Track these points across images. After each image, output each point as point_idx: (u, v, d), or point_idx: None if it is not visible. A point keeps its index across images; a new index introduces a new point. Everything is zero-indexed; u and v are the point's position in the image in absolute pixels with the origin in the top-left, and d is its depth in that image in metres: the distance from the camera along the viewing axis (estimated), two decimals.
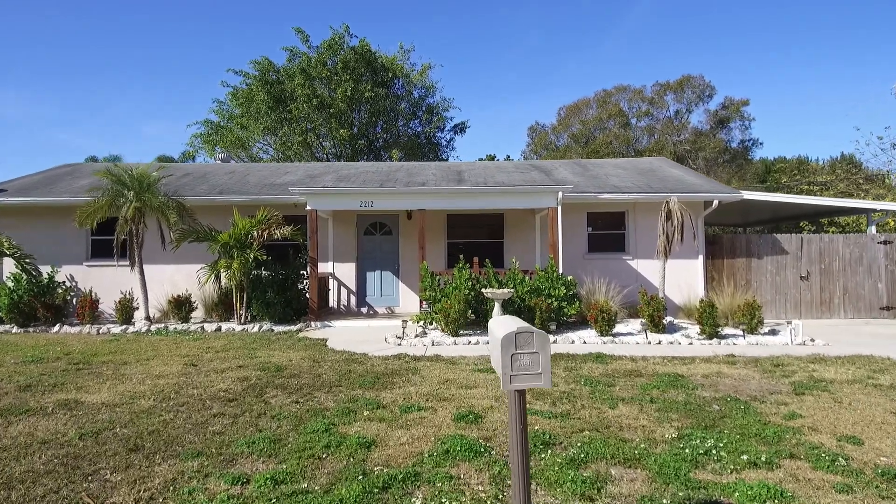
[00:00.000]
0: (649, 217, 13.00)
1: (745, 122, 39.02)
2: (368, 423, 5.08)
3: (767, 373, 7.10)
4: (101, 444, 4.70)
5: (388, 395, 6.04)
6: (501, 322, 2.53)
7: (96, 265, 13.18)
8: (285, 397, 5.98)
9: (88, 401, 5.93)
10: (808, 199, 14.02)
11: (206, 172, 16.04)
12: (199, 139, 27.79)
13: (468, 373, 7.06)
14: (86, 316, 11.39)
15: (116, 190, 11.20)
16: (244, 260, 10.90)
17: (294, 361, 7.79)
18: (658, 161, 17.12)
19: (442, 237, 13.54)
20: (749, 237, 13.37)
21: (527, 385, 2.28)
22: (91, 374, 7.13)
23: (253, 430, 4.97)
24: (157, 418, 5.31)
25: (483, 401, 5.76)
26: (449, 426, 4.99)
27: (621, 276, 12.54)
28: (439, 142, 29.58)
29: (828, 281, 13.19)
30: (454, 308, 9.70)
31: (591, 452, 4.31)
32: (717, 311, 9.72)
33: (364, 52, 25.33)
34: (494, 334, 2.45)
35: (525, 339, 2.28)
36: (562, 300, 10.33)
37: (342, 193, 11.92)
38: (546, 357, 2.28)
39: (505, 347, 2.26)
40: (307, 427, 4.95)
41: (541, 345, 2.28)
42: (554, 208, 11.28)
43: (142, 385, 6.55)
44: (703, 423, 5.05)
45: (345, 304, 13.41)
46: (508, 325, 2.37)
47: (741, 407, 5.56)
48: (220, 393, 6.15)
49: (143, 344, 9.38)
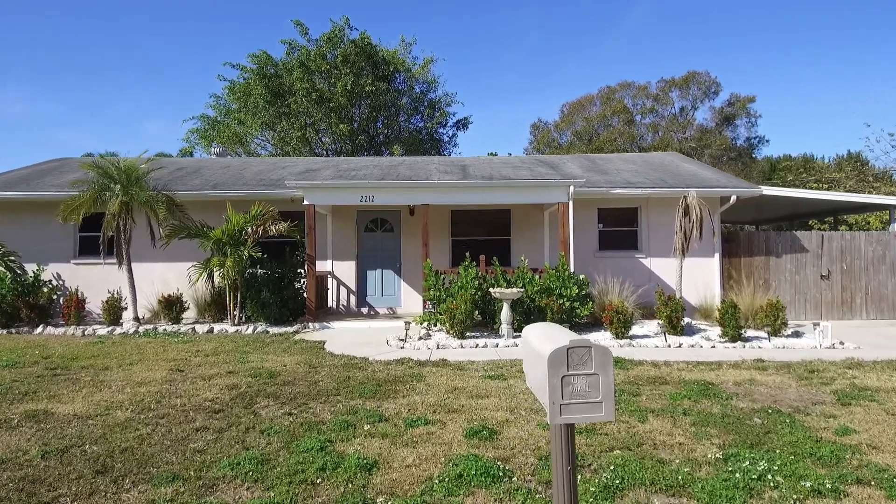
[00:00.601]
0: (663, 213, 12.41)
1: (752, 119, 38.43)
2: (369, 440, 4.50)
3: (804, 380, 6.52)
4: (66, 464, 4.12)
5: (392, 405, 5.46)
6: (542, 331, 1.96)
7: (84, 263, 12.59)
8: (277, 408, 5.40)
9: (59, 412, 5.35)
10: (831, 194, 13.43)
11: (200, 167, 15.45)
12: (196, 135, 27.17)
13: (478, 380, 6.48)
14: (71, 316, 10.81)
15: (103, 183, 10.62)
16: (238, 257, 10.32)
17: (289, 367, 7.20)
18: (670, 156, 16.53)
19: (446, 234, 12.95)
20: (767, 234, 12.78)
21: (583, 417, 1.71)
22: (67, 381, 6.55)
23: (239, 447, 4.39)
24: (133, 433, 4.74)
25: (497, 413, 5.18)
26: (460, 444, 4.41)
27: (634, 275, 11.95)
28: (441, 138, 28.97)
29: (849, 280, 12.60)
30: (460, 309, 9.12)
31: (626, 477, 3.73)
32: (739, 312, 9.14)
33: (365, 46, 24.70)
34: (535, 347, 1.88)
35: (581, 357, 1.71)
36: (574, 300, 9.74)
37: (341, 187, 11.33)
38: (608, 380, 1.71)
39: (553, 367, 1.69)
40: (300, 444, 4.37)
41: (601, 364, 1.72)
42: (565, 203, 10.69)
43: (121, 394, 5.97)
44: (747, 440, 4.47)
45: (344, 305, 12.83)
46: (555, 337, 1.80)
47: (785, 420, 4.98)
48: (206, 403, 5.57)
49: (129, 347, 8.80)
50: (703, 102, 38.21)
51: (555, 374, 1.68)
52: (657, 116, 38.69)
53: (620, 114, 38.27)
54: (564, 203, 10.70)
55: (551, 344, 1.72)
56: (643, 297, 11.22)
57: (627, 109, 38.56)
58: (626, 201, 12.64)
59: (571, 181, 10.71)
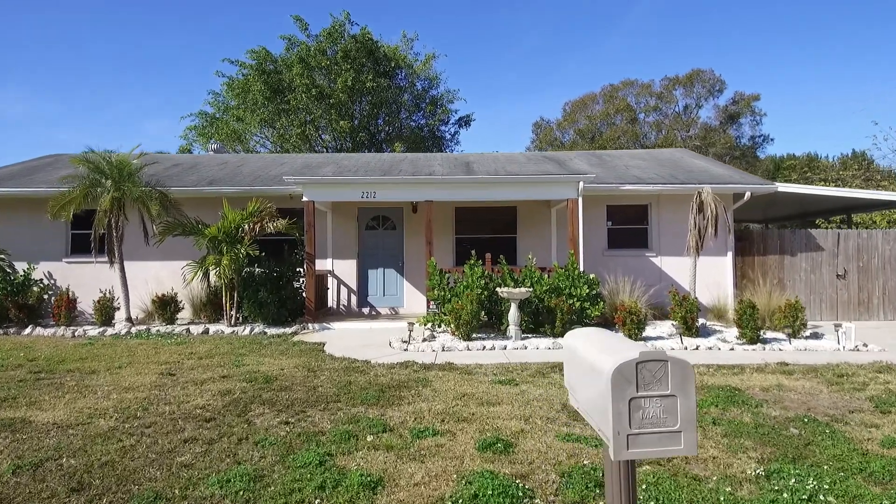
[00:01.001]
0: (674, 210, 12.02)
1: (756, 118, 38.02)
2: (373, 454, 4.10)
3: (834, 385, 6.12)
4: (39, 480, 3.74)
5: (396, 413, 5.06)
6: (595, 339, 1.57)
7: (77, 262, 12.19)
8: (273, 416, 5.00)
9: (38, 420, 4.96)
10: (847, 191, 13.02)
11: (196, 163, 15.05)
12: (194, 132, 26.74)
13: (487, 385, 6.09)
14: (62, 317, 10.41)
15: (94, 179, 10.21)
16: (234, 255, 9.92)
17: (286, 370, 6.81)
18: (679, 152, 16.12)
19: (450, 232, 12.55)
20: (782, 232, 12.38)
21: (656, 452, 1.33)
22: (51, 386, 6.16)
23: (230, 461, 4.00)
24: (116, 444, 4.34)
25: (510, 422, 4.78)
26: (473, 457, 4.02)
27: (644, 274, 11.54)
28: (443, 135, 28.53)
29: (866, 280, 12.20)
30: (466, 309, 8.72)
31: (661, 499, 3.34)
32: (758, 312, 8.74)
33: (365, 41, 24.27)
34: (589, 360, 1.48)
35: (654, 373, 1.33)
36: (584, 300, 9.35)
37: (342, 183, 10.93)
38: (689, 403, 1.33)
39: (619, 387, 1.30)
40: (297, 458, 3.98)
41: (681, 382, 1.33)
42: (574, 200, 10.29)
43: (106, 400, 5.58)
44: (787, 454, 4.08)
45: (344, 305, 12.43)
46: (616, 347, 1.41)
47: (824, 430, 4.59)
48: (197, 411, 5.18)
49: (119, 349, 8.40)
50: (708, 100, 37.82)
51: (620, 397, 1.30)
52: (661, 115, 38.27)
53: (623, 112, 37.84)
54: (574, 199, 10.30)
55: (614, 356, 1.33)
56: (654, 297, 10.83)
57: (631, 108, 38.14)
58: (636, 198, 12.24)
59: (581, 176, 10.31)
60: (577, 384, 1.59)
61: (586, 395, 1.49)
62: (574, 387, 1.64)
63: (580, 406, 1.58)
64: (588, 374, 1.46)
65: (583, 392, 1.53)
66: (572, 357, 1.63)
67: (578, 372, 1.57)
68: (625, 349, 1.38)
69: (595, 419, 1.45)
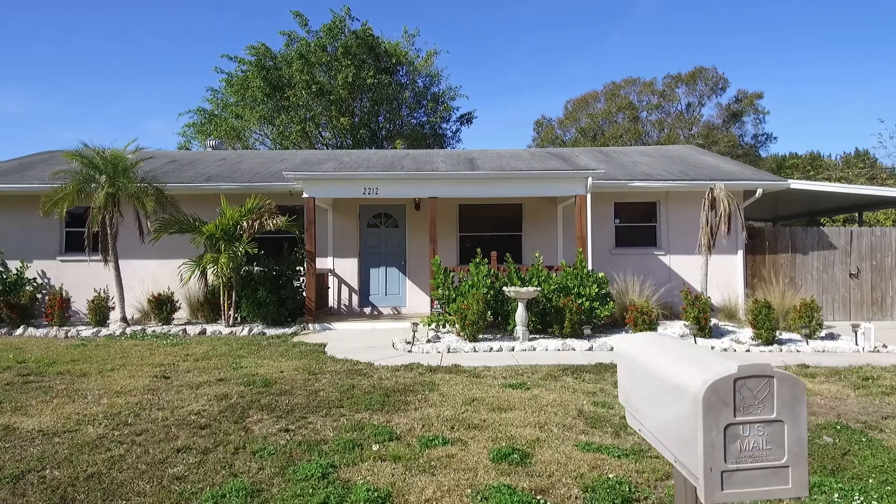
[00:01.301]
0: (684, 208, 11.73)
1: (759, 116, 37.73)
2: (379, 465, 3.81)
3: (861, 389, 5.84)
4: (19, 494, 3.45)
5: (403, 420, 4.77)
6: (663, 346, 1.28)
7: (71, 260, 11.88)
8: (272, 423, 4.71)
9: (23, 427, 4.67)
10: (859, 188, 12.72)
11: (194, 159, 14.74)
12: (192, 129, 26.41)
13: (497, 389, 5.80)
14: (55, 317, 10.12)
15: (87, 174, 9.91)
16: (233, 254, 9.62)
17: (286, 373, 6.51)
18: (687, 148, 15.83)
19: (453, 230, 12.26)
20: (793, 230, 12.09)
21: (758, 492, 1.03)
22: (39, 390, 5.87)
23: (226, 473, 3.70)
24: (104, 454, 4.05)
25: (525, 430, 4.49)
26: (487, 469, 3.73)
27: (653, 273, 11.26)
28: (445, 133, 28.21)
29: (879, 279, 11.92)
30: (472, 309, 8.43)
31: None
32: (773, 312, 8.46)
33: (366, 37, 23.93)
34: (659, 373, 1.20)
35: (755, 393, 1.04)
36: (593, 300, 9.06)
37: (343, 179, 10.63)
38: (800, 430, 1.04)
39: (712, 410, 1.02)
40: (298, 470, 3.69)
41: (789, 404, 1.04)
42: (582, 196, 10.00)
43: (96, 405, 5.29)
44: (825, 465, 3.79)
45: (346, 304, 12.14)
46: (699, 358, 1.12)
47: (859, 439, 4.30)
48: (191, 417, 4.89)
49: (113, 350, 8.11)
50: (711, 99, 37.51)
51: (713, 423, 1.01)
52: (663, 113, 37.96)
53: (626, 110, 37.53)
54: (582, 196, 10.01)
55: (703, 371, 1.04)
56: (664, 296, 10.56)
57: (633, 106, 37.82)
58: (644, 195, 11.94)
59: (590, 172, 10.02)
60: (642, 403, 1.30)
61: (658, 419, 1.20)
62: (636, 405, 1.35)
63: (646, 431, 1.30)
64: (661, 391, 1.18)
65: (651, 414, 1.24)
66: (632, 368, 1.34)
67: (644, 388, 1.28)
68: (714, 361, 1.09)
69: (672, 449, 1.16)
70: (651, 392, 1.22)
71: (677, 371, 1.13)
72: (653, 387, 1.21)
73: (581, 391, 5.68)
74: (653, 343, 1.35)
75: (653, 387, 1.21)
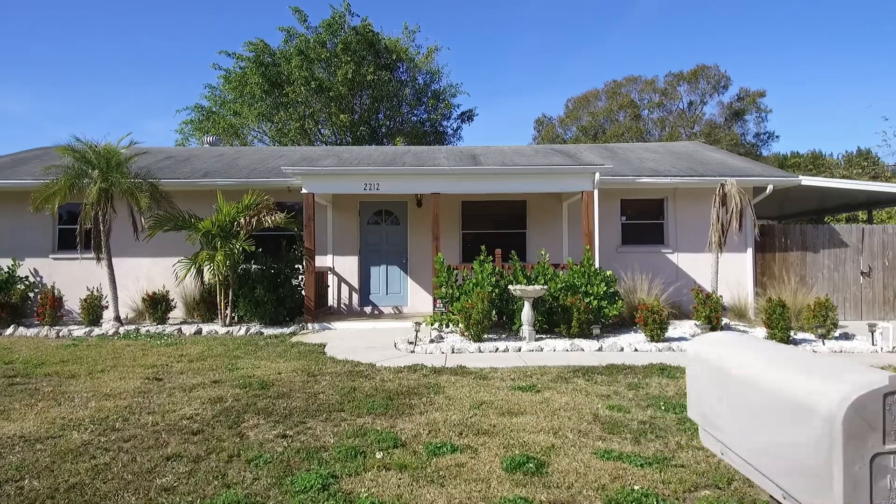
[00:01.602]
0: (692, 205, 11.46)
1: (762, 115, 37.47)
2: (384, 474, 3.54)
3: None
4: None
5: (408, 425, 4.49)
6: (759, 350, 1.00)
7: (64, 258, 11.58)
8: (269, 428, 4.43)
9: (4, 433, 4.39)
10: (870, 185, 12.45)
11: (191, 155, 14.45)
12: (190, 126, 26.09)
13: (506, 392, 5.52)
14: (46, 316, 9.82)
15: (80, 169, 9.61)
16: (229, 251, 9.34)
17: (284, 375, 6.24)
18: (694, 145, 15.54)
19: (456, 228, 11.97)
20: (804, 228, 11.83)
21: None
22: (24, 392, 5.59)
23: (218, 484, 3.43)
24: (88, 462, 3.78)
25: (538, 436, 4.21)
26: (500, 480, 3.45)
27: (660, 271, 10.99)
28: (445, 130, 27.91)
29: (892, 277, 11.65)
30: (477, 308, 8.15)
31: None
32: (788, 311, 8.19)
33: (366, 33, 23.64)
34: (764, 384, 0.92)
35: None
36: (601, 299, 8.78)
37: (343, 174, 10.35)
38: None
39: (854, 437, 0.74)
40: (297, 481, 3.41)
41: None
42: (589, 192, 9.73)
43: (83, 409, 5.01)
44: None
45: (346, 303, 11.86)
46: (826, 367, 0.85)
47: None
48: (183, 421, 4.61)
49: (105, 350, 7.82)
50: (712, 97, 37.23)
51: (855, 453, 0.73)
52: (665, 111, 37.69)
53: (627, 108, 37.25)
54: (589, 192, 9.74)
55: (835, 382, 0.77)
56: (672, 295, 10.29)
57: (634, 104, 37.54)
58: (652, 192, 11.67)
59: (597, 167, 9.75)
60: (729, 421, 1.02)
61: (756, 443, 0.92)
62: (718, 424, 1.07)
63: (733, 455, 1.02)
64: (765, 408, 0.90)
65: (746, 436, 0.96)
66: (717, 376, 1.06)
67: (736, 402, 1.00)
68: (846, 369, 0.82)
69: (779, 482, 0.88)
70: (748, 408, 0.95)
71: (794, 382, 0.85)
72: (752, 401, 0.94)
73: (594, 394, 5.40)
74: (744, 345, 1.07)
75: (752, 401, 0.94)
